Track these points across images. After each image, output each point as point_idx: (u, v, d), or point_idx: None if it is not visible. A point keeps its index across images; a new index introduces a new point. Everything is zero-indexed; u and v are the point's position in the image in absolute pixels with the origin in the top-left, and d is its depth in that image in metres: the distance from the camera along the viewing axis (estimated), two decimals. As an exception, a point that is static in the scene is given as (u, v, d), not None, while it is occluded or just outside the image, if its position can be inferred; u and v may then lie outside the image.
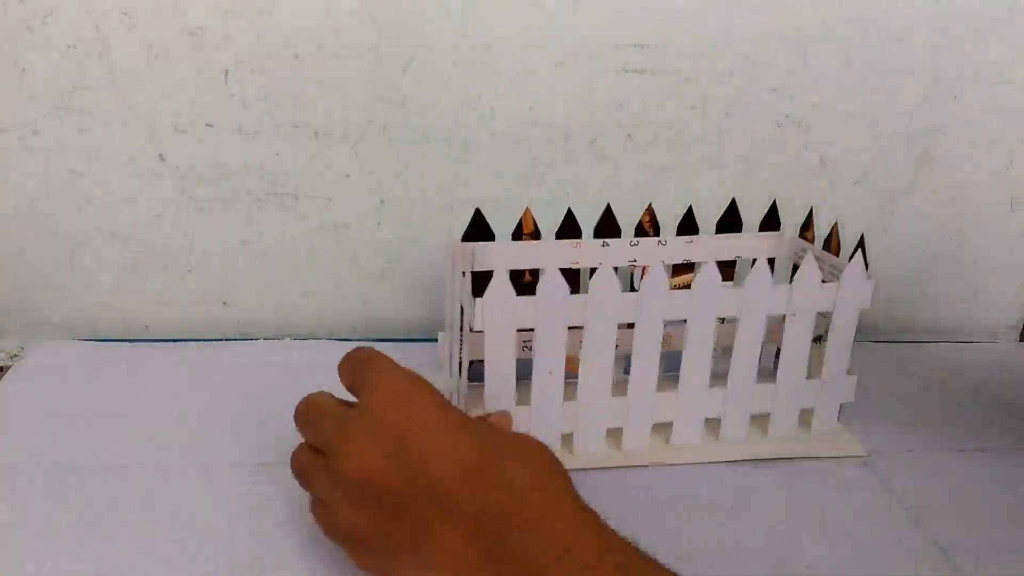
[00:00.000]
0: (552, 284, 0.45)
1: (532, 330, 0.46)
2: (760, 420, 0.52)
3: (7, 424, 0.50)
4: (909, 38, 0.63)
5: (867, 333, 0.52)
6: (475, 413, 0.47)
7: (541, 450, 0.38)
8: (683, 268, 0.57)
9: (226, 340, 0.62)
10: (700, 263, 0.49)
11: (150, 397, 0.54)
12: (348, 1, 0.57)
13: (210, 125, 0.59)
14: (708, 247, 0.56)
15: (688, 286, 0.48)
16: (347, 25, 0.58)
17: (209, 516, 0.43)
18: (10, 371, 0.56)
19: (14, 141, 0.58)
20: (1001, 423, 0.56)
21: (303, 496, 0.45)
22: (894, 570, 0.42)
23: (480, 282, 0.45)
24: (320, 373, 0.58)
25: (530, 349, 0.47)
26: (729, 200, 0.57)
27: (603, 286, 0.46)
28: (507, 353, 0.46)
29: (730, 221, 0.57)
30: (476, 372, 0.49)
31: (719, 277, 0.47)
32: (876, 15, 0.62)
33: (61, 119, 0.58)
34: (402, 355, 0.61)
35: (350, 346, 0.62)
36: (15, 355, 0.62)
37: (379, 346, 0.62)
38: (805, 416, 0.53)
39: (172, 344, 0.61)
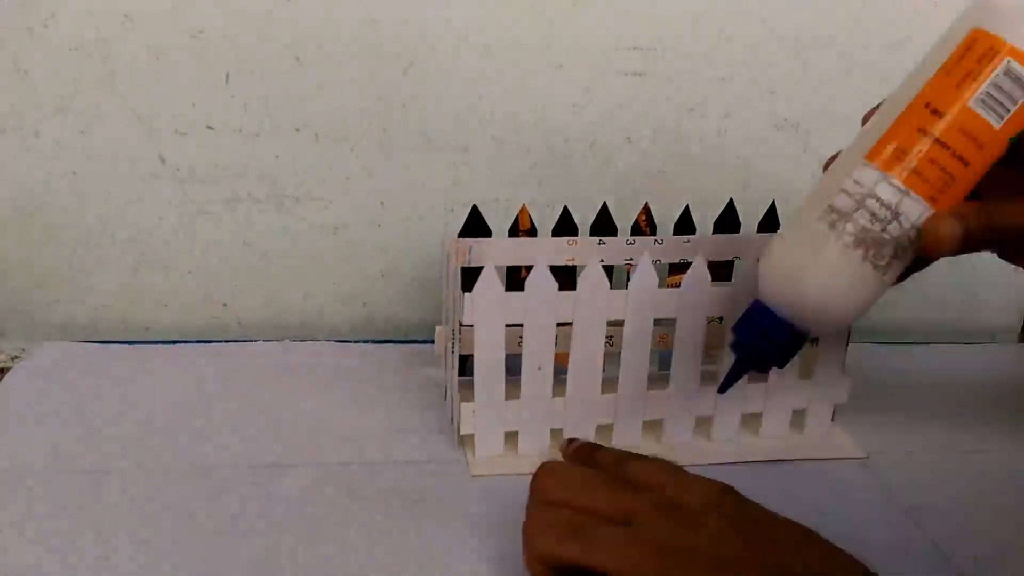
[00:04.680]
0: (540, 279, 0.45)
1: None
2: (755, 421, 0.53)
3: (7, 425, 0.50)
4: (908, 40, 0.63)
5: (866, 334, 0.53)
6: (474, 409, 0.48)
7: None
8: (681, 268, 0.57)
9: (226, 341, 0.62)
10: (691, 261, 0.49)
11: (151, 398, 0.54)
12: (348, 3, 0.57)
13: (211, 127, 0.59)
14: (705, 247, 0.56)
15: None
16: (347, 27, 0.58)
17: (209, 516, 0.43)
18: (11, 372, 0.56)
19: (15, 142, 0.58)
20: (1000, 424, 0.56)
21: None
22: (894, 571, 0.42)
23: (473, 277, 0.45)
24: (320, 374, 0.59)
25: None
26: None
27: (591, 282, 0.46)
28: (496, 347, 0.46)
29: (728, 222, 0.57)
30: (471, 367, 0.49)
31: (708, 275, 0.47)
32: (875, 17, 0.62)
33: (62, 121, 0.58)
34: (402, 356, 0.63)
35: (350, 347, 0.63)
36: (16, 356, 0.62)
37: (379, 347, 0.63)
38: (800, 417, 0.53)
39: (173, 345, 0.61)
